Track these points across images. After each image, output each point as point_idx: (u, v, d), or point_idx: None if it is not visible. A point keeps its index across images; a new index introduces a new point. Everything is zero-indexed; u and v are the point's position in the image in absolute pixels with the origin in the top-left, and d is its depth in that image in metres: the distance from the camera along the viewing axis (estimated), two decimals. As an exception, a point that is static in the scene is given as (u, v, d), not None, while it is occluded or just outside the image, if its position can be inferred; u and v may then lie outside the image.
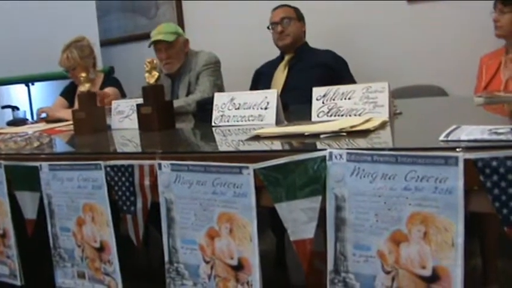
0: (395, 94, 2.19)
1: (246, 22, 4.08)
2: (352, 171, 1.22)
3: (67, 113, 3.00)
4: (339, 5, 3.71)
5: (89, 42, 3.58)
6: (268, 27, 3.51)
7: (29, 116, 3.88)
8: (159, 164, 1.51)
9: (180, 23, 4.48)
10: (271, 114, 2.00)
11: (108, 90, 3.35)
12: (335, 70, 3.27)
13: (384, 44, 3.59)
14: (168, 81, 3.42)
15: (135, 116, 2.37)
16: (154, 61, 2.35)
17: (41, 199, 1.81)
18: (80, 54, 3.46)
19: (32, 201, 1.84)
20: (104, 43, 4.69)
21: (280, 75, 3.41)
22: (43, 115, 3.40)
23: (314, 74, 3.22)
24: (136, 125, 2.35)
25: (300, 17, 3.49)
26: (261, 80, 3.53)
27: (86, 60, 3.49)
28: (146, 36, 3.50)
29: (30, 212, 1.86)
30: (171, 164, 1.49)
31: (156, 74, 2.29)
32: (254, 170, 1.34)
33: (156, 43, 3.35)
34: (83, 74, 2.58)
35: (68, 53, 3.45)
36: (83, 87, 2.54)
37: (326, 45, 3.48)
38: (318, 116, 1.91)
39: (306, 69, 3.33)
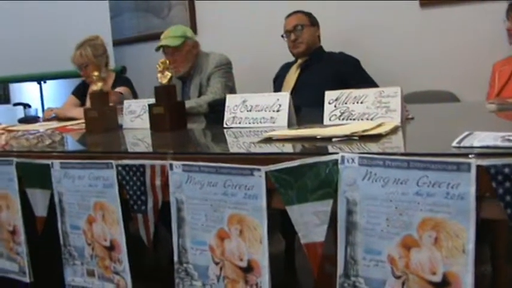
0: (408, 99, 2.19)
1: (258, 23, 4.09)
2: (364, 176, 1.22)
3: (79, 112, 3.01)
4: (351, 8, 3.71)
5: (103, 42, 3.59)
6: (282, 36, 3.52)
7: (40, 114, 3.89)
8: (171, 165, 1.52)
9: (193, 23, 4.49)
10: (283, 117, 2.00)
11: (120, 89, 3.36)
12: (344, 71, 3.26)
13: (396, 49, 3.58)
14: (179, 83, 3.42)
15: (146, 115, 2.37)
16: (167, 62, 2.35)
17: (52, 197, 1.82)
18: (94, 53, 3.48)
19: (43, 199, 1.85)
20: (117, 43, 4.71)
21: (292, 76, 3.43)
22: (51, 116, 3.41)
23: (324, 75, 3.22)
24: (147, 125, 2.34)
25: (313, 23, 3.49)
26: (277, 83, 3.56)
27: (98, 59, 3.50)
28: (158, 37, 3.51)
29: (40, 210, 1.87)
30: (183, 165, 1.50)
31: (168, 74, 2.30)
32: (266, 172, 1.35)
33: (164, 47, 3.36)
34: (96, 73, 2.58)
35: (82, 50, 3.46)
36: (96, 86, 2.54)
37: (337, 48, 3.48)
38: (330, 119, 1.91)
39: (317, 70, 3.33)
